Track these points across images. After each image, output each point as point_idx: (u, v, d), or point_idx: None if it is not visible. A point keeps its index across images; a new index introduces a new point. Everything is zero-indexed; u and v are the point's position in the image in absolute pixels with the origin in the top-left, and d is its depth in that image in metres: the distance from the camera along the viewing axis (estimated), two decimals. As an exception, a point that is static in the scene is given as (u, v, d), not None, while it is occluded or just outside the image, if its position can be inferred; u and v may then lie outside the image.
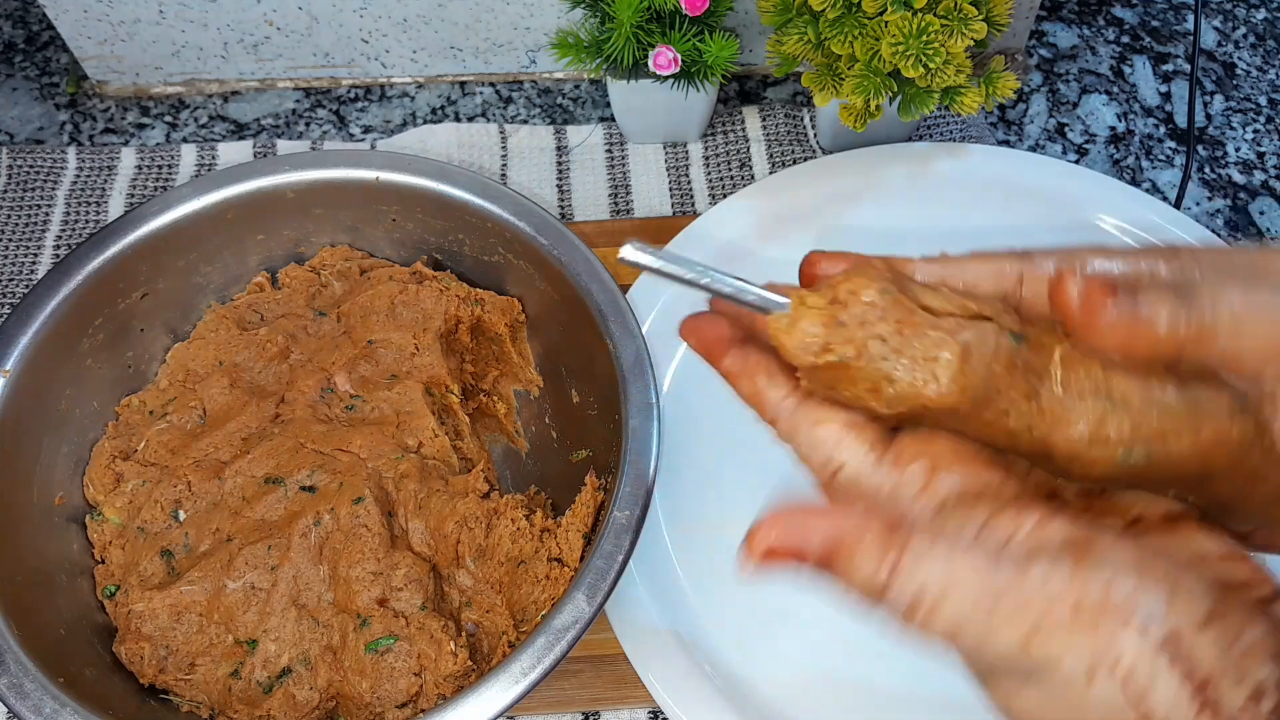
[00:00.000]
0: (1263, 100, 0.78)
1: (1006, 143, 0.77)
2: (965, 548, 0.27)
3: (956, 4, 0.57)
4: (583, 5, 0.65)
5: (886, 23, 0.57)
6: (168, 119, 0.78)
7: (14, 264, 0.71)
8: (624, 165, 0.75)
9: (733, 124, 0.76)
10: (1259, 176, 0.75)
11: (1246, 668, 0.25)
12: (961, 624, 0.26)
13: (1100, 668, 0.25)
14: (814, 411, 0.31)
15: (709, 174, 0.74)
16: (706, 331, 0.34)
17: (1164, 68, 0.80)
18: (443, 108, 0.78)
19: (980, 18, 0.57)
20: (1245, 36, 0.81)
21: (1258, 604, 0.27)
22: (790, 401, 0.32)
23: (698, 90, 0.67)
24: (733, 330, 0.33)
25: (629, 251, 0.31)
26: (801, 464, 0.32)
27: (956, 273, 0.32)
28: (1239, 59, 0.80)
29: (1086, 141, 0.77)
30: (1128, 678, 0.25)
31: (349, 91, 0.79)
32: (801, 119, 0.76)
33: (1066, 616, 0.25)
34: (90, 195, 0.74)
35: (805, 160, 0.73)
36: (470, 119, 0.78)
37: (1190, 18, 0.82)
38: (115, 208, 0.73)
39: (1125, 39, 0.81)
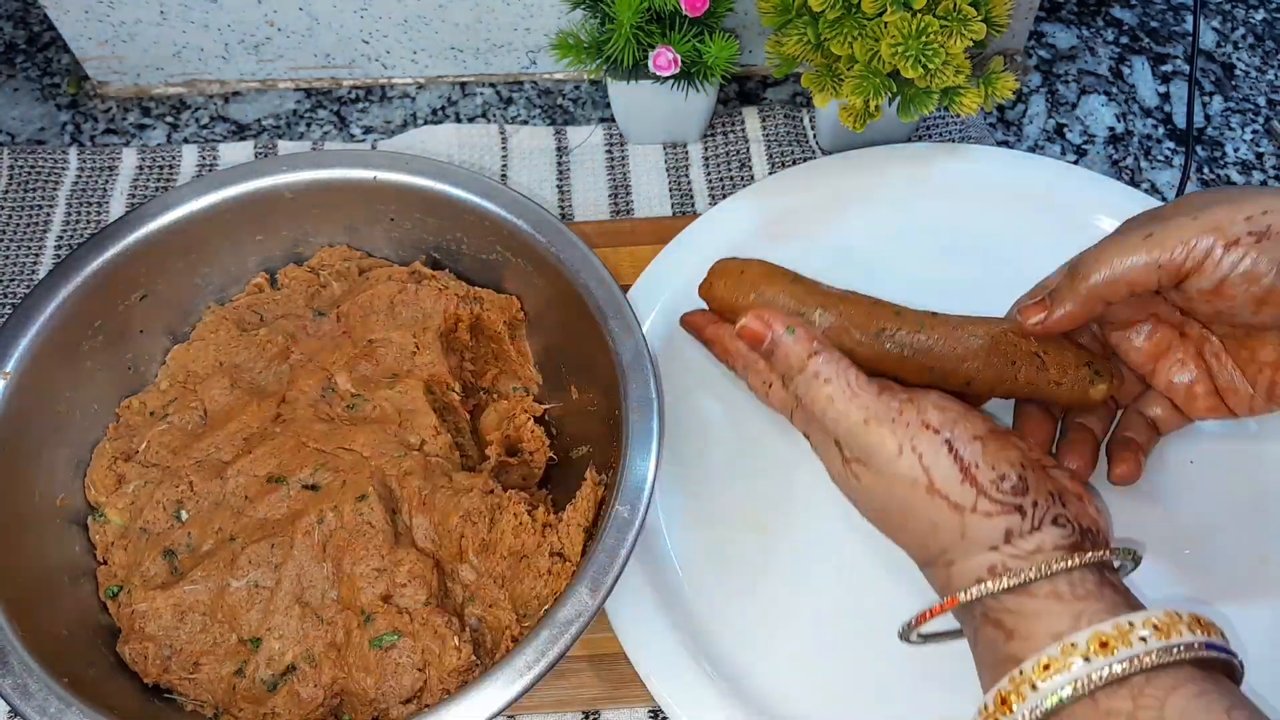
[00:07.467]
0: (1261, 101, 0.78)
1: (1006, 143, 0.77)
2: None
3: (956, 5, 0.57)
4: (583, 6, 0.65)
5: (886, 23, 0.57)
6: (169, 119, 0.78)
7: (15, 264, 0.71)
8: (624, 166, 0.75)
9: (733, 124, 0.76)
10: (1258, 177, 0.75)
11: (995, 464, 0.43)
12: (835, 396, 0.46)
13: (906, 447, 0.44)
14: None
15: (709, 174, 0.74)
16: (695, 318, 0.57)
17: (1163, 68, 0.80)
18: (443, 108, 0.78)
19: (979, 18, 0.57)
20: (1244, 37, 0.82)
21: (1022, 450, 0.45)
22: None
23: (698, 91, 0.67)
24: (714, 317, 0.55)
25: None
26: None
27: None
28: (1238, 59, 0.81)
29: (1085, 142, 0.77)
30: (921, 456, 0.44)
31: (350, 92, 0.79)
32: (801, 120, 0.76)
33: (889, 415, 0.45)
34: (91, 196, 0.74)
35: (805, 161, 0.73)
36: (471, 120, 0.78)
37: (1189, 18, 0.82)
38: (116, 208, 0.73)
39: (1124, 40, 0.82)
